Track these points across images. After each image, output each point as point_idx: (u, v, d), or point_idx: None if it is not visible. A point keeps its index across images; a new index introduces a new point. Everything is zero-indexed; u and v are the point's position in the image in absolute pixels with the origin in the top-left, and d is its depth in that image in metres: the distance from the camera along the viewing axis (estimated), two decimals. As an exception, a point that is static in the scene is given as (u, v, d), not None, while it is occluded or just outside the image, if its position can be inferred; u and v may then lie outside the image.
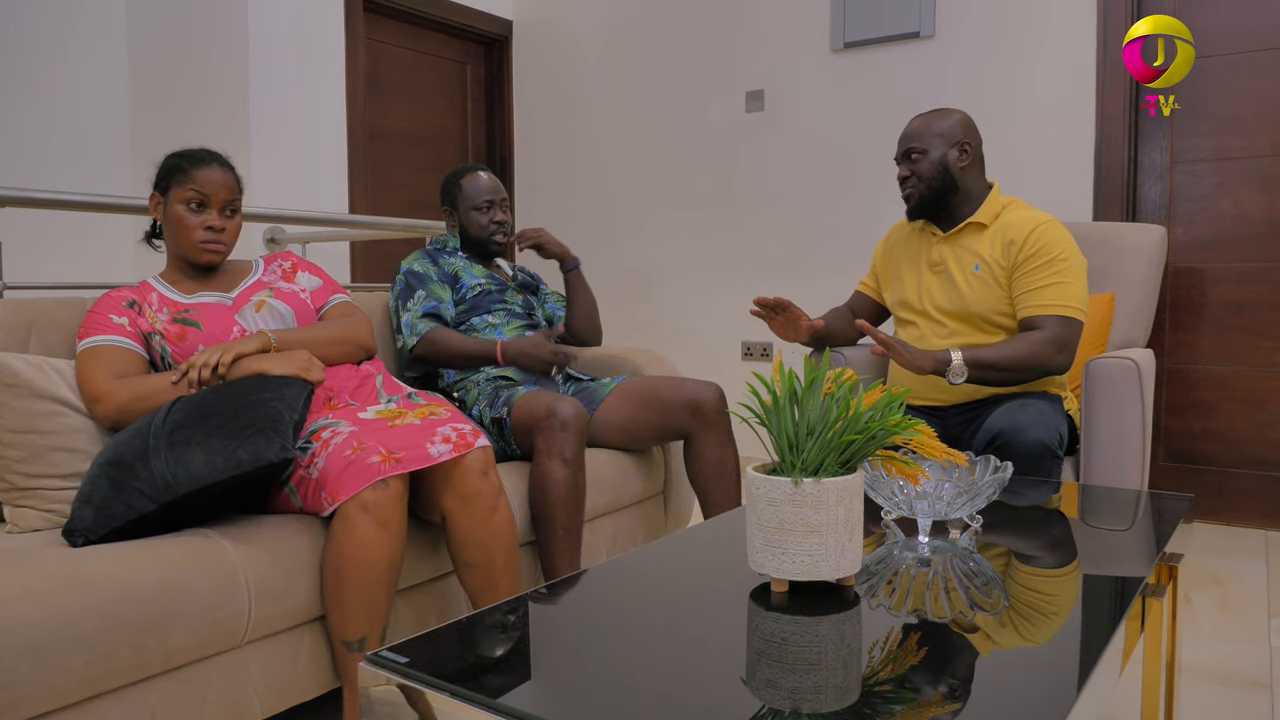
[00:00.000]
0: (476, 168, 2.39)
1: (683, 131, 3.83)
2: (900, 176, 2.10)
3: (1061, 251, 1.97)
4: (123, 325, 1.64)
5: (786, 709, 0.82)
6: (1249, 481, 2.87)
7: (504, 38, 4.27)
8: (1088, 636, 0.99)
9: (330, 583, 1.45)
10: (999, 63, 3.12)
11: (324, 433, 1.56)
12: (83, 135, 3.36)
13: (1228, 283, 2.88)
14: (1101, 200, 2.97)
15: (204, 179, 1.69)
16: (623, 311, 3.88)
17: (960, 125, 2.07)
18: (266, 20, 3.26)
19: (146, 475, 1.36)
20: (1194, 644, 1.98)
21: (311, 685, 1.49)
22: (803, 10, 3.50)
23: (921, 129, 2.07)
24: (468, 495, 1.57)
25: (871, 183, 3.38)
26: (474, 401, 2.13)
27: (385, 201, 3.84)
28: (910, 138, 2.08)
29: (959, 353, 1.89)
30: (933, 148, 2.05)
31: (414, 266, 2.27)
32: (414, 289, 2.23)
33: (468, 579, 1.61)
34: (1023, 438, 1.80)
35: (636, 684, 0.89)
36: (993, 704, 0.83)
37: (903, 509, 1.30)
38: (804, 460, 1.04)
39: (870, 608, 1.05)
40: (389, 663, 0.88)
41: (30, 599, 1.15)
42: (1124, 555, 1.36)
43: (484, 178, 2.36)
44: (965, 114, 2.10)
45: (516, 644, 1.00)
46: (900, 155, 2.10)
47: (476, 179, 2.36)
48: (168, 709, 1.28)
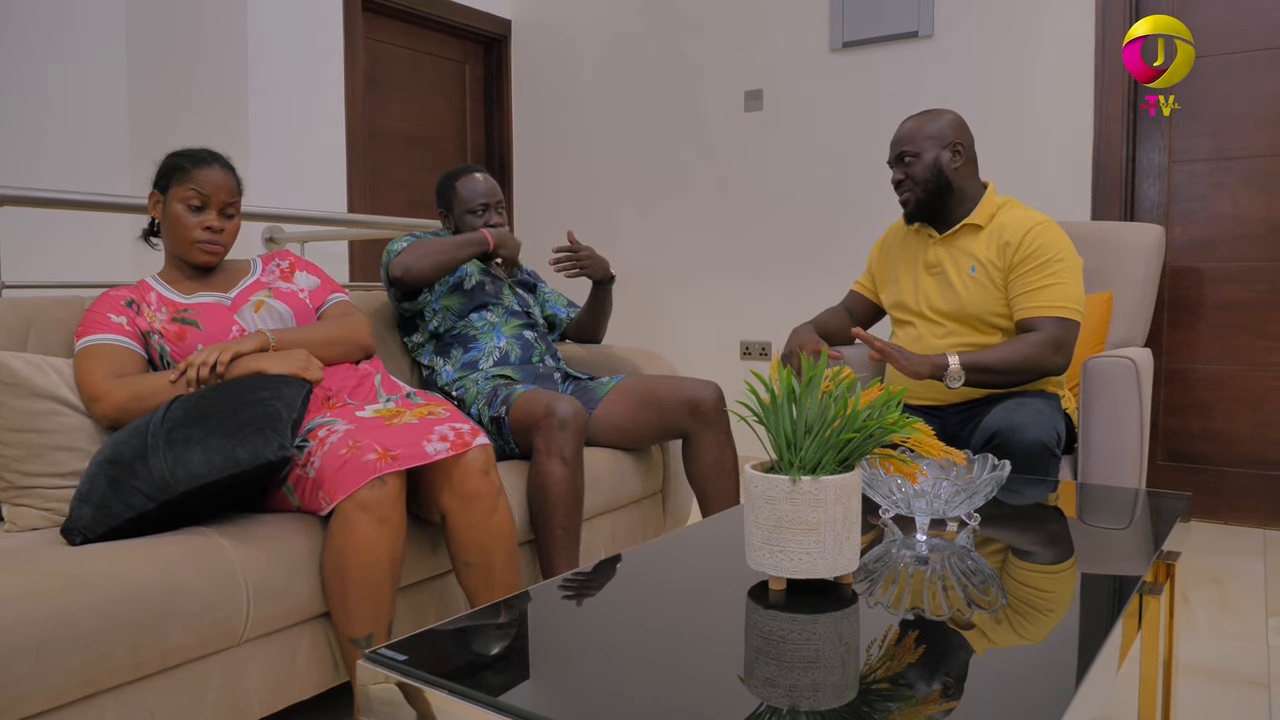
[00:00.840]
0: (471, 169, 2.39)
1: (682, 131, 3.83)
2: (895, 180, 2.10)
3: (1057, 252, 1.97)
4: (121, 324, 1.64)
5: (784, 707, 0.82)
6: (1246, 481, 2.87)
7: (503, 37, 4.27)
8: (1085, 634, 0.99)
9: (332, 582, 1.45)
10: (997, 62, 3.12)
11: (321, 431, 1.56)
12: (81, 134, 3.36)
13: (1226, 282, 2.88)
14: (1100, 200, 2.97)
15: (204, 180, 1.69)
16: (621, 311, 3.86)
17: (951, 126, 2.06)
18: (265, 19, 3.26)
19: (145, 474, 1.36)
20: (1192, 643, 1.98)
21: (310, 684, 1.49)
22: (801, 10, 3.50)
23: (913, 132, 2.06)
24: (468, 495, 1.57)
25: (870, 182, 3.38)
26: (472, 400, 2.13)
27: (384, 201, 3.84)
28: (902, 141, 2.07)
29: (955, 357, 1.89)
30: (925, 150, 2.04)
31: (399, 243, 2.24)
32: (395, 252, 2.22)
33: (466, 579, 1.61)
34: (1020, 436, 1.80)
35: (635, 681, 0.90)
36: (990, 702, 0.84)
37: (900, 507, 1.30)
38: (802, 458, 1.05)
39: (868, 606, 1.05)
40: (388, 661, 0.89)
41: (29, 598, 1.15)
42: (1122, 553, 1.36)
43: (479, 180, 2.34)
44: (956, 114, 2.09)
45: (516, 642, 1.00)
46: (893, 159, 2.09)
47: (471, 181, 2.34)
48: (166, 708, 1.28)
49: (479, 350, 2.25)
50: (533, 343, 2.31)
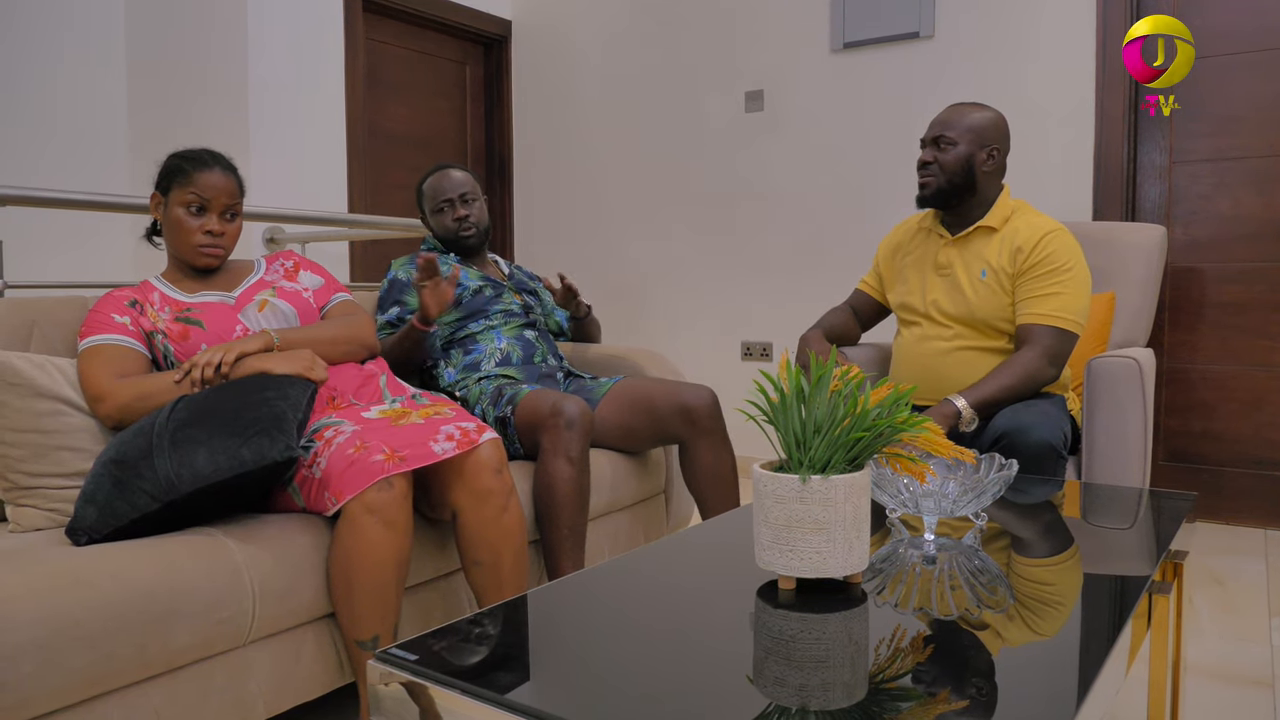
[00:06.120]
0: (440, 167, 2.40)
1: (682, 131, 3.83)
2: (922, 161, 2.07)
3: (1066, 261, 1.97)
4: (125, 324, 1.64)
5: (794, 706, 0.82)
6: (1248, 481, 2.88)
7: (503, 38, 4.27)
8: (1095, 634, 0.99)
9: (339, 583, 1.44)
10: (998, 63, 3.13)
11: (327, 432, 1.55)
12: (81, 134, 3.35)
13: (1227, 283, 2.89)
14: (1101, 200, 2.97)
15: (204, 183, 1.69)
16: (622, 311, 3.88)
17: (995, 127, 2.05)
18: (266, 20, 3.25)
19: (150, 474, 1.35)
20: (1195, 643, 1.98)
21: (316, 684, 1.48)
22: (802, 10, 3.50)
23: (957, 119, 2.05)
24: (480, 492, 1.57)
25: (871, 183, 3.39)
26: (476, 400, 2.13)
27: (384, 201, 3.83)
28: (944, 124, 2.05)
29: (961, 399, 1.91)
30: (963, 142, 2.03)
31: (398, 274, 2.27)
32: (389, 298, 2.25)
33: (475, 577, 1.61)
34: (1028, 438, 1.81)
35: (644, 680, 0.89)
36: (1000, 701, 0.83)
37: (908, 507, 1.30)
38: (811, 457, 1.04)
39: (877, 605, 1.05)
40: (398, 660, 0.88)
41: (33, 598, 1.14)
42: (1129, 553, 1.36)
43: (447, 176, 2.35)
44: (1003, 116, 2.08)
45: (524, 641, 1.00)
46: (928, 139, 2.07)
47: (435, 181, 2.36)
48: (171, 708, 1.28)
49: (480, 352, 2.24)
50: (534, 342, 2.31)
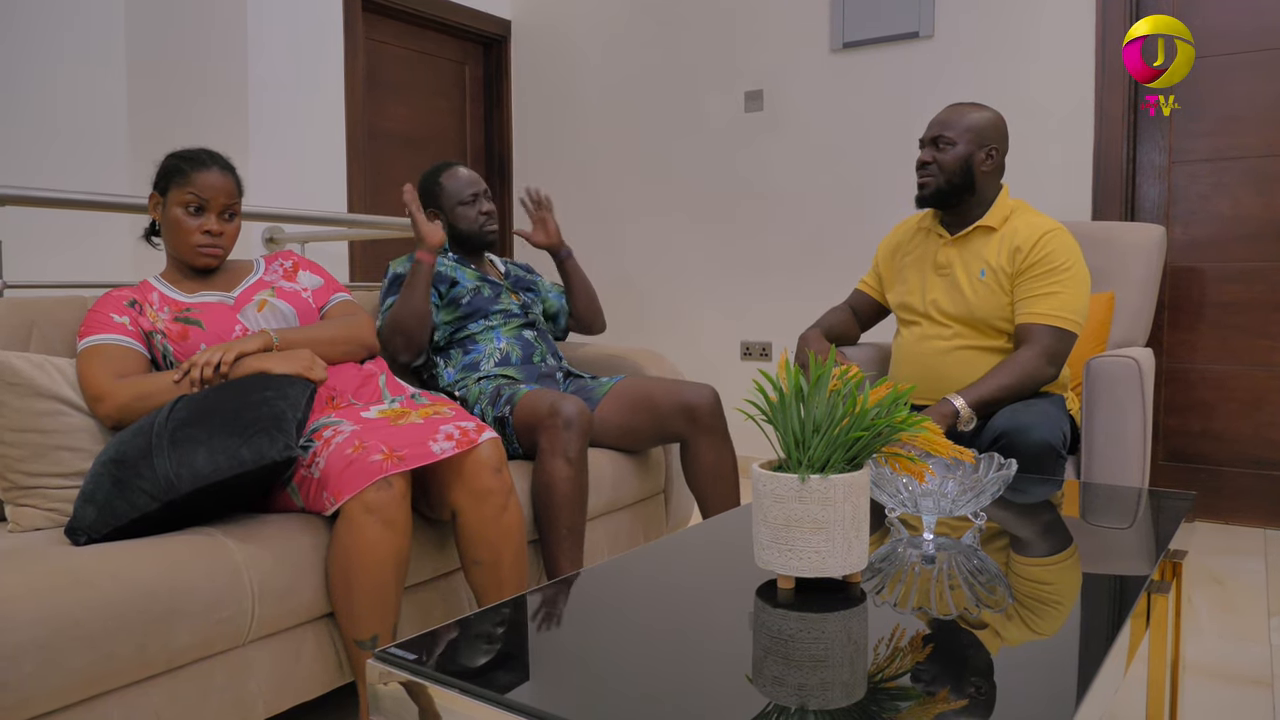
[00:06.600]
0: (452, 164, 2.40)
1: (682, 131, 3.83)
2: (921, 161, 2.08)
3: (1065, 261, 1.98)
4: (124, 324, 1.64)
5: (793, 705, 0.82)
6: (1247, 480, 2.88)
7: (503, 38, 4.27)
8: (1094, 633, 0.99)
9: (338, 583, 1.44)
10: (998, 63, 3.13)
11: (326, 431, 1.55)
12: (81, 134, 3.35)
13: (1226, 282, 2.89)
14: (1101, 200, 2.98)
15: (203, 183, 1.69)
16: (622, 311, 3.88)
17: (994, 127, 2.06)
18: (266, 20, 3.25)
19: (149, 474, 1.35)
20: (1194, 642, 1.98)
21: (315, 684, 1.48)
22: (802, 10, 3.50)
23: (956, 119, 2.05)
24: (480, 492, 1.57)
25: (870, 182, 3.39)
26: (475, 400, 2.13)
27: (384, 201, 3.83)
28: (942, 125, 2.06)
29: (959, 399, 1.92)
30: (962, 142, 2.03)
31: (399, 270, 2.27)
32: (389, 292, 2.24)
33: (474, 577, 1.61)
34: (1027, 438, 1.81)
35: (644, 680, 0.89)
36: (999, 701, 0.83)
37: (907, 506, 1.30)
38: (810, 457, 1.04)
39: (876, 605, 1.05)
40: (398, 660, 0.88)
41: (33, 598, 1.14)
42: (1128, 552, 1.36)
43: (462, 172, 2.36)
44: (1001, 117, 2.09)
45: (524, 641, 1.00)
46: (927, 139, 2.07)
47: (455, 174, 2.36)
48: (171, 708, 1.28)
49: (479, 352, 2.24)
50: (533, 342, 2.31)
